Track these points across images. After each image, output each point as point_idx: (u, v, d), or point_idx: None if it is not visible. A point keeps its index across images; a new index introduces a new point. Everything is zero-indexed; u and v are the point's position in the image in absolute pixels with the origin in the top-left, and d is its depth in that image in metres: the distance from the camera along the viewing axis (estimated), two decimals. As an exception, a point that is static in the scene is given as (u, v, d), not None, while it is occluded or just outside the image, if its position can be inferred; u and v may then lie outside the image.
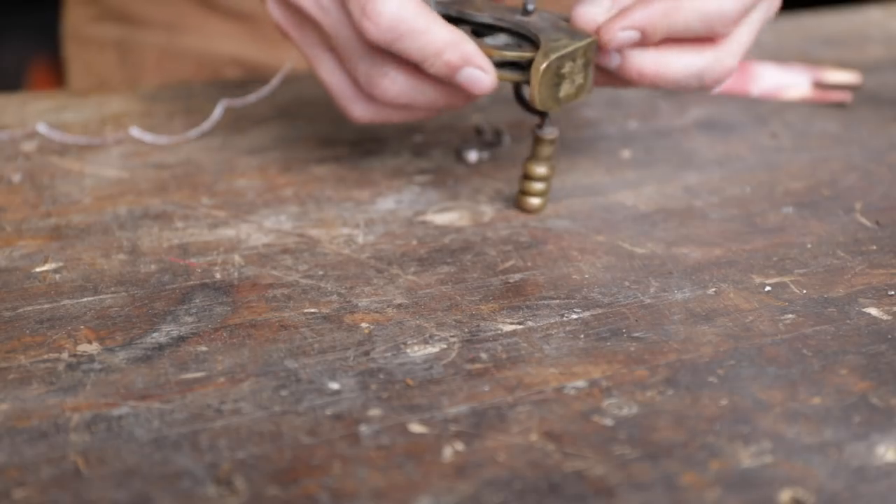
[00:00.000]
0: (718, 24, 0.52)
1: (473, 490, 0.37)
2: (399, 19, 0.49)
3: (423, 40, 0.50)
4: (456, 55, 0.50)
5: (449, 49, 0.50)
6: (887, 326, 0.47)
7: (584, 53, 0.52)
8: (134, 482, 0.37)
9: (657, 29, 0.52)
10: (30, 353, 0.44)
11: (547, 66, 0.51)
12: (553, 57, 0.51)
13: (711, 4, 0.52)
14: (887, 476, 0.38)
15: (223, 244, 0.52)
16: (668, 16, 0.52)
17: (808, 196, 0.58)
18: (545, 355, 0.44)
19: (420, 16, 0.50)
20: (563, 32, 0.53)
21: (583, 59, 0.52)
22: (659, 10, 0.52)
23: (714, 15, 0.52)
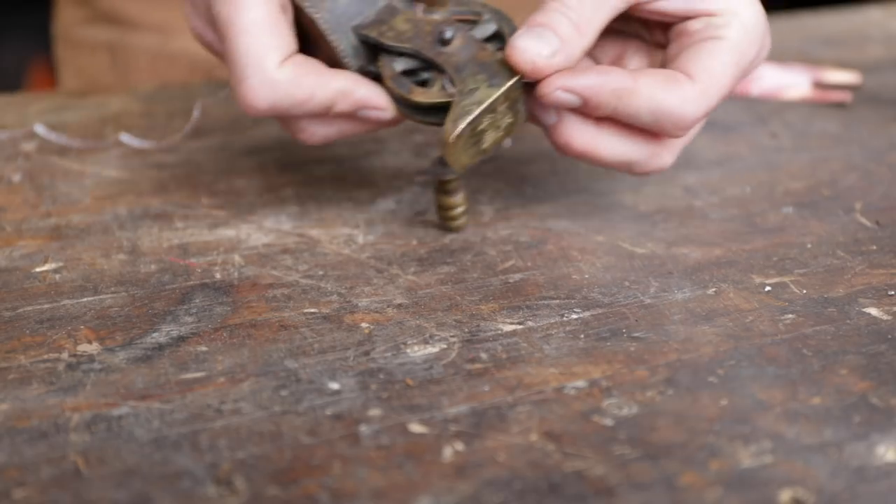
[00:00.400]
0: (670, 126, 0.48)
1: (473, 490, 0.37)
2: (275, 105, 0.48)
3: (309, 105, 0.48)
4: (347, 105, 0.49)
5: (339, 101, 0.48)
6: (887, 326, 0.47)
7: (508, 97, 0.47)
8: (134, 482, 0.37)
9: (602, 106, 0.47)
10: (30, 353, 0.44)
11: (458, 134, 0.47)
12: (463, 125, 0.46)
13: (670, 102, 0.47)
14: (887, 476, 0.38)
15: (223, 244, 0.52)
16: (620, 98, 0.47)
17: (808, 196, 0.58)
18: (545, 355, 0.44)
19: (298, 87, 0.48)
20: (485, 70, 0.48)
21: (506, 103, 0.48)
22: (611, 88, 0.47)
23: (670, 116, 0.48)
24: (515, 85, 0.47)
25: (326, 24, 0.49)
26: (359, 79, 0.49)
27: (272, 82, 0.47)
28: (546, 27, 0.47)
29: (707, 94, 0.48)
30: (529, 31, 0.47)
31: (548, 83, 0.47)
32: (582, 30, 0.47)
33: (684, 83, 0.48)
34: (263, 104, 0.48)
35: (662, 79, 0.48)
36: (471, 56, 0.48)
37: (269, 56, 0.47)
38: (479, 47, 0.49)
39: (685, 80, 0.48)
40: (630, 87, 0.47)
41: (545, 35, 0.47)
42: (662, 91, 0.47)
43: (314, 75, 0.48)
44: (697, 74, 0.48)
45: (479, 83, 0.47)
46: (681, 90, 0.47)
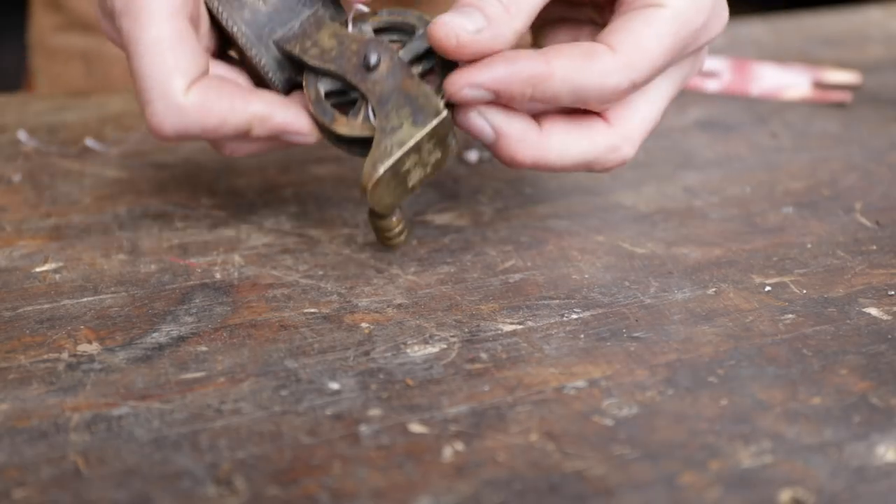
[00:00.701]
0: (594, 102, 0.45)
1: (473, 490, 0.37)
2: (183, 132, 0.45)
3: (223, 131, 0.45)
4: (265, 130, 0.46)
5: (256, 126, 0.46)
6: (887, 326, 0.47)
7: (434, 135, 0.44)
8: (134, 482, 0.37)
9: (516, 96, 0.44)
10: (30, 353, 0.44)
11: (377, 180, 0.44)
12: (382, 170, 0.44)
13: (589, 78, 0.44)
14: (887, 476, 0.38)
15: (223, 244, 0.52)
16: (534, 85, 0.44)
17: (807, 196, 0.58)
18: (545, 355, 0.44)
19: (208, 113, 0.45)
20: (409, 104, 0.44)
21: (433, 140, 0.45)
22: (522, 76, 0.44)
23: (590, 91, 0.44)
24: (443, 122, 0.44)
25: (245, 38, 0.46)
26: (278, 101, 0.46)
27: (178, 108, 0.44)
28: (472, 5, 0.44)
29: (632, 65, 0.45)
30: (455, 9, 0.45)
31: (452, 82, 0.44)
32: (511, 10, 0.44)
33: (603, 55, 0.44)
34: (170, 131, 0.45)
35: (579, 54, 0.44)
36: (396, 85, 0.45)
37: (174, 80, 0.44)
38: (405, 74, 0.45)
39: (605, 51, 0.44)
40: (543, 72, 0.44)
41: (471, 12, 0.44)
42: (579, 68, 0.44)
43: (227, 99, 0.45)
44: (620, 45, 0.45)
45: (402, 119, 0.44)
46: (599, 63, 0.44)
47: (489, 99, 0.45)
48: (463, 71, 0.44)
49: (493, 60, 0.44)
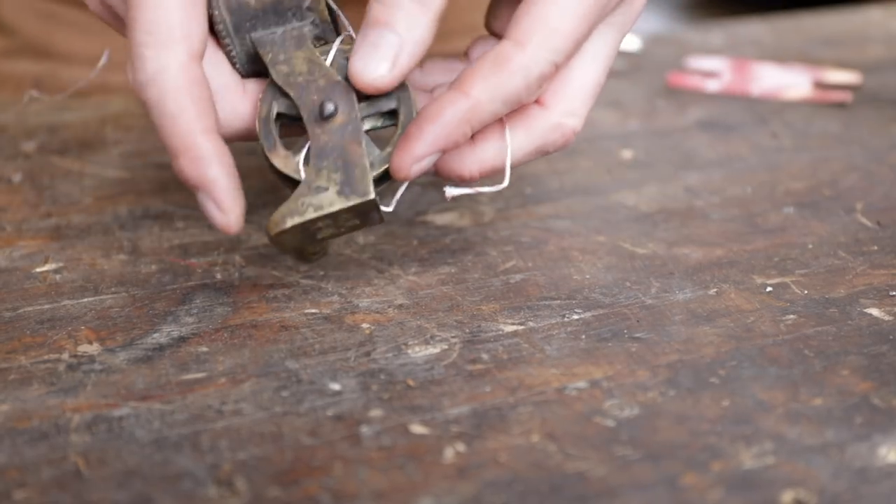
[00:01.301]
0: (531, 97, 0.44)
1: (475, 491, 0.37)
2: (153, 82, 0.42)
3: (167, 127, 0.42)
4: (193, 172, 0.42)
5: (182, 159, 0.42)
6: (889, 327, 0.47)
7: (354, 211, 0.43)
8: (135, 483, 0.37)
9: (460, 139, 0.43)
10: (30, 353, 0.44)
11: (280, 231, 0.43)
12: (287, 225, 0.43)
13: (512, 83, 0.43)
14: (889, 477, 0.38)
15: (224, 244, 0.52)
16: (469, 121, 0.43)
17: (808, 196, 0.58)
18: (546, 356, 0.44)
19: (179, 93, 0.42)
20: (345, 171, 0.43)
21: (352, 213, 0.44)
22: (455, 121, 0.43)
23: (521, 92, 0.43)
24: (367, 204, 0.43)
25: (223, 25, 0.45)
26: (218, 155, 0.43)
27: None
28: (378, 26, 0.43)
29: (546, 47, 0.43)
30: (364, 42, 0.44)
31: (398, 168, 0.43)
32: (425, 2, 0.43)
33: (513, 55, 0.43)
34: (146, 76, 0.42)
35: (490, 67, 0.43)
36: (340, 144, 0.44)
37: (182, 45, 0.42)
38: (353, 137, 0.44)
39: (514, 50, 0.43)
40: (470, 105, 0.43)
41: (380, 42, 0.43)
42: (498, 81, 0.43)
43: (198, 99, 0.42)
44: (525, 35, 0.43)
45: (330, 183, 0.43)
46: (514, 65, 0.43)
47: (437, 157, 0.44)
48: (401, 153, 0.43)
49: (420, 127, 0.43)
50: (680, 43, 0.81)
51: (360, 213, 0.44)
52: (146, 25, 0.42)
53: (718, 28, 0.85)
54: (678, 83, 0.73)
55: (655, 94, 0.72)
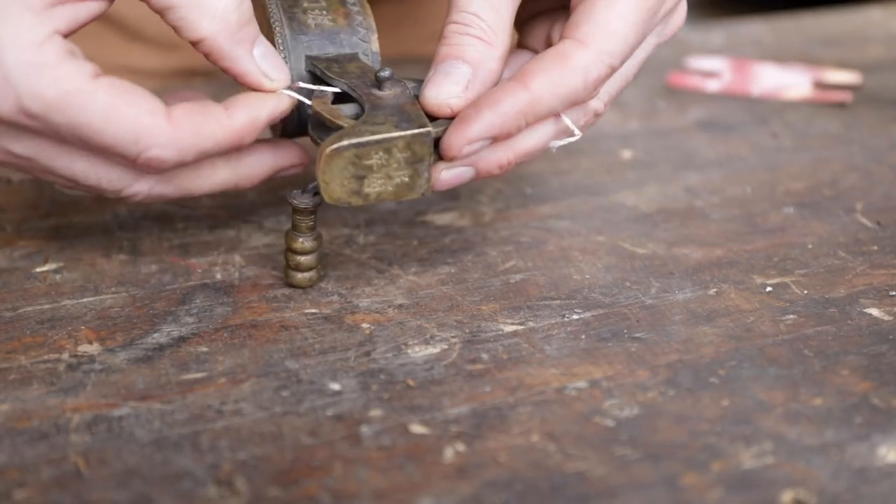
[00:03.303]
0: (585, 97, 0.45)
1: (474, 491, 0.37)
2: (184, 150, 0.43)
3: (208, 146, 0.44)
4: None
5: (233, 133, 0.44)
6: (888, 327, 0.47)
7: (409, 146, 0.44)
8: (135, 483, 0.37)
9: (513, 131, 0.44)
10: (30, 353, 0.44)
11: (336, 149, 0.43)
12: (346, 142, 0.43)
13: (573, 83, 0.44)
14: (889, 477, 0.38)
15: (224, 244, 0.52)
16: (525, 114, 0.44)
17: (808, 196, 0.58)
18: (546, 356, 0.44)
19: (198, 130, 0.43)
20: (401, 115, 0.44)
21: (406, 153, 0.44)
22: (512, 113, 0.44)
23: (578, 91, 0.45)
24: (423, 137, 0.44)
25: (283, 40, 0.48)
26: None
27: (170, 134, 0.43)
28: (451, 59, 0.45)
29: (605, 51, 0.45)
30: (436, 72, 0.45)
31: (450, 146, 0.44)
32: (491, 39, 0.45)
33: (575, 53, 0.44)
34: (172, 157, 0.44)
35: (553, 64, 0.44)
36: (396, 104, 0.45)
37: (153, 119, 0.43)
38: (409, 100, 0.45)
39: (575, 48, 0.44)
40: (529, 99, 0.44)
41: (452, 70, 0.45)
42: (559, 77, 0.44)
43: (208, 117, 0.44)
44: (587, 36, 0.44)
45: (387, 121, 0.44)
46: (575, 62, 0.44)
47: (487, 144, 0.45)
48: (455, 131, 0.44)
49: (479, 110, 0.44)
50: (680, 43, 0.81)
51: (413, 156, 0.44)
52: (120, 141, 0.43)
53: (718, 28, 0.85)
54: (678, 83, 0.73)
55: (655, 94, 0.72)
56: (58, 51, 0.41)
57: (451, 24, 0.46)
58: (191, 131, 0.43)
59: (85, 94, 0.41)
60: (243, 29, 0.44)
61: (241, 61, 0.45)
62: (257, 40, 0.45)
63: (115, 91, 0.42)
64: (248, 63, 0.45)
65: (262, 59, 0.45)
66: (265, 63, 0.45)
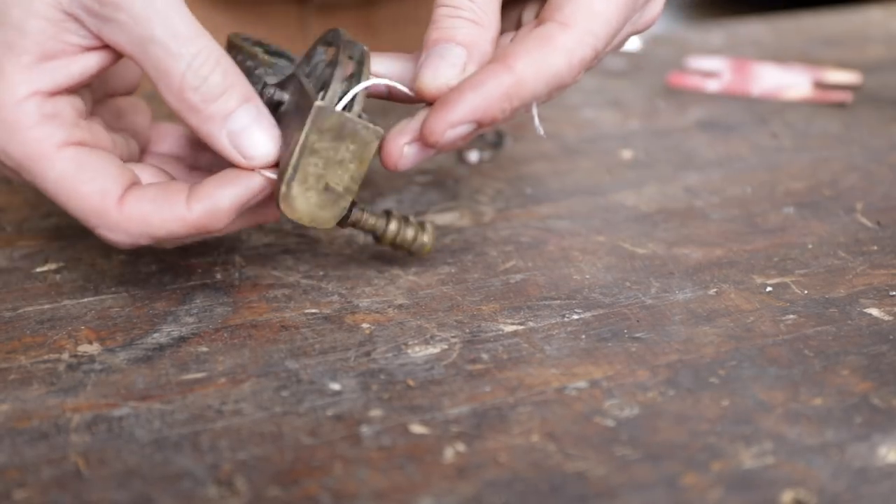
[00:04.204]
0: (568, 80, 0.44)
1: (474, 491, 0.37)
2: (138, 240, 0.43)
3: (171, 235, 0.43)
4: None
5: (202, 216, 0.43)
6: (888, 327, 0.47)
7: (320, 130, 0.42)
8: (135, 483, 0.37)
9: (497, 116, 0.43)
10: (30, 353, 0.44)
11: (283, 199, 0.42)
12: (283, 188, 0.42)
13: (556, 65, 0.43)
14: (889, 477, 0.38)
15: (224, 244, 0.52)
16: (510, 97, 0.42)
17: (808, 196, 0.58)
18: (546, 356, 0.44)
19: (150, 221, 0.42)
20: (300, 113, 0.42)
21: (327, 136, 0.42)
22: (497, 94, 0.42)
23: (562, 75, 0.43)
24: (321, 115, 0.41)
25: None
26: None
27: (118, 224, 0.43)
28: (443, 42, 0.44)
29: (590, 33, 0.43)
30: (430, 56, 0.44)
31: (432, 130, 0.42)
32: (483, 21, 0.44)
33: (559, 35, 0.43)
34: (126, 244, 0.43)
35: (536, 45, 0.43)
36: (294, 105, 0.43)
37: (102, 203, 0.42)
38: (300, 92, 0.43)
39: (559, 30, 0.43)
40: (513, 81, 0.42)
41: (446, 53, 0.44)
42: (543, 60, 0.43)
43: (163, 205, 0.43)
44: (571, 17, 0.43)
45: (294, 130, 0.42)
46: (559, 44, 0.43)
47: (472, 129, 0.43)
48: (437, 114, 0.42)
49: (461, 93, 0.42)
50: (680, 43, 0.81)
51: (334, 132, 0.42)
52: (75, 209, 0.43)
53: (718, 28, 0.85)
54: (678, 83, 0.73)
55: (655, 94, 0.72)
56: (34, 112, 0.42)
57: (441, 8, 0.44)
58: (139, 220, 0.42)
59: (46, 161, 0.42)
60: (214, 103, 0.42)
61: (211, 138, 0.43)
62: (236, 112, 0.42)
63: (73, 165, 0.42)
64: (219, 141, 0.42)
65: (239, 134, 0.42)
66: (242, 139, 0.42)
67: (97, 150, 0.43)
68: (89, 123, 0.44)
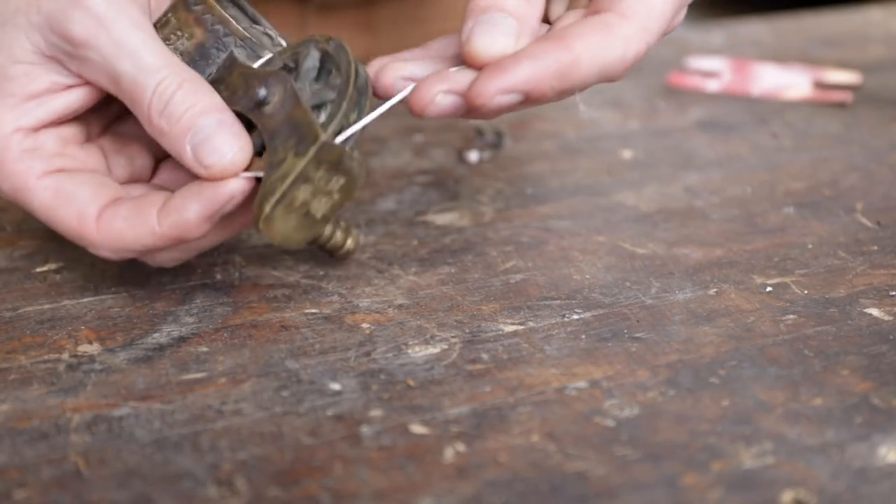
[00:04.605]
0: (619, 73, 0.43)
1: (474, 491, 0.37)
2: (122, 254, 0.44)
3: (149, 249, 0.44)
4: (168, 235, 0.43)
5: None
6: (888, 327, 0.47)
7: (319, 162, 0.41)
8: (135, 483, 0.37)
9: (546, 93, 0.41)
10: (30, 353, 0.44)
11: (266, 217, 0.42)
12: (268, 207, 0.41)
13: (613, 55, 0.42)
14: (889, 477, 0.38)
15: (224, 244, 0.52)
16: (563, 77, 0.41)
17: (808, 196, 0.58)
18: (546, 356, 0.44)
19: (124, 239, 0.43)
20: (295, 133, 0.42)
21: (322, 167, 0.42)
22: (552, 69, 0.41)
23: (615, 65, 0.43)
24: (325, 149, 0.41)
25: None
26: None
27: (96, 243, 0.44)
28: (493, 10, 0.42)
29: (646, 28, 0.43)
30: (479, 22, 0.42)
31: (480, 92, 0.41)
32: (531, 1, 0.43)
33: (619, 26, 0.42)
34: (113, 257, 0.45)
35: (595, 31, 0.42)
36: (285, 116, 0.42)
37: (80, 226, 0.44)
38: (293, 104, 0.42)
39: (618, 20, 0.43)
40: (570, 61, 0.41)
41: (499, 21, 0.42)
42: (602, 46, 0.42)
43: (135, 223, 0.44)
44: (629, 10, 0.43)
45: (287, 151, 0.42)
46: (619, 34, 0.42)
47: (519, 101, 0.42)
48: (490, 77, 0.41)
49: (518, 61, 0.41)
50: (680, 43, 0.81)
51: (330, 165, 0.42)
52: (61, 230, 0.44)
53: (718, 28, 0.85)
54: (678, 83, 0.73)
55: (655, 94, 0.72)
56: (16, 148, 0.44)
57: None
58: (115, 237, 0.44)
59: (28, 192, 0.44)
60: (178, 122, 0.42)
61: (180, 156, 0.43)
62: (197, 123, 0.42)
63: (50, 193, 0.44)
64: (185, 156, 0.43)
65: (199, 145, 0.42)
66: (203, 149, 0.42)
67: (77, 174, 0.45)
68: (80, 149, 0.46)
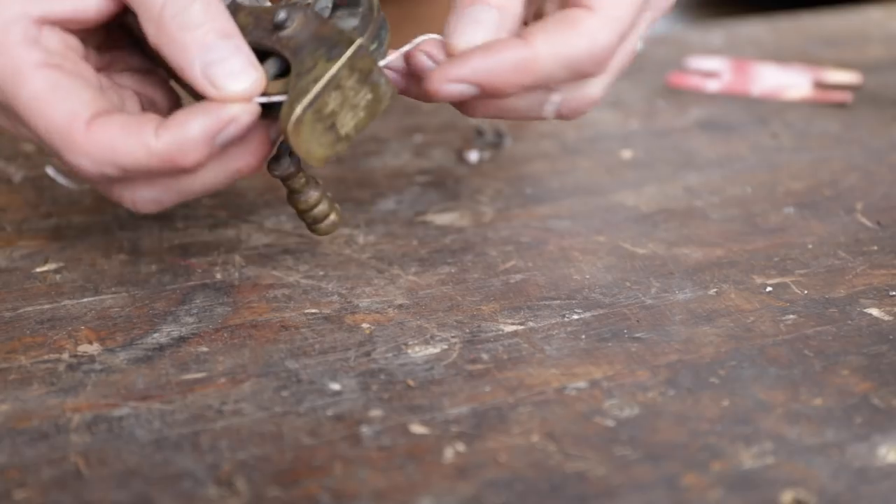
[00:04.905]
0: (590, 67, 0.43)
1: (474, 491, 0.37)
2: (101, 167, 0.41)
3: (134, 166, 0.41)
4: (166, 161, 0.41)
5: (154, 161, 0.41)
6: (888, 327, 0.47)
7: (353, 69, 0.41)
8: (135, 483, 0.37)
9: (504, 86, 0.42)
10: (30, 353, 0.44)
11: (297, 119, 0.40)
12: (300, 108, 0.40)
13: (579, 48, 0.42)
14: (889, 477, 0.38)
15: (224, 244, 0.52)
16: (521, 71, 0.42)
17: (808, 196, 0.58)
18: (546, 356, 0.44)
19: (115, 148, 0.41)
20: (324, 44, 0.41)
21: (355, 76, 0.41)
22: (508, 63, 0.42)
23: (583, 58, 0.43)
24: (360, 53, 0.41)
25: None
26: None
27: (83, 149, 0.41)
28: (477, 3, 0.43)
29: (615, 18, 0.43)
30: (462, 17, 0.43)
31: (432, 79, 0.42)
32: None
33: (584, 19, 0.43)
34: (91, 171, 0.42)
35: (557, 26, 0.43)
36: (310, 34, 0.42)
37: (69, 124, 0.41)
38: (319, 23, 0.42)
39: (583, 14, 0.43)
40: (528, 55, 0.42)
41: (481, 17, 0.43)
42: (563, 40, 0.42)
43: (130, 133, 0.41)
44: (594, 2, 0.43)
45: (317, 59, 0.41)
46: (583, 27, 0.42)
47: (473, 93, 0.43)
48: (442, 67, 0.42)
49: (472, 53, 0.42)
50: (680, 43, 0.81)
51: (361, 74, 0.41)
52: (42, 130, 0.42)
53: (718, 28, 0.85)
54: (678, 83, 0.73)
55: (655, 94, 0.72)
56: (19, 34, 0.41)
57: None
58: (104, 145, 0.41)
59: (20, 77, 0.41)
60: (191, 32, 0.41)
61: (185, 70, 0.41)
62: (213, 44, 0.41)
63: (46, 84, 0.41)
64: (192, 71, 0.41)
65: (212, 65, 0.41)
66: (216, 70, 0.41)
67: (76, 77, 0.42)
68: (83, 62, 0.43)
